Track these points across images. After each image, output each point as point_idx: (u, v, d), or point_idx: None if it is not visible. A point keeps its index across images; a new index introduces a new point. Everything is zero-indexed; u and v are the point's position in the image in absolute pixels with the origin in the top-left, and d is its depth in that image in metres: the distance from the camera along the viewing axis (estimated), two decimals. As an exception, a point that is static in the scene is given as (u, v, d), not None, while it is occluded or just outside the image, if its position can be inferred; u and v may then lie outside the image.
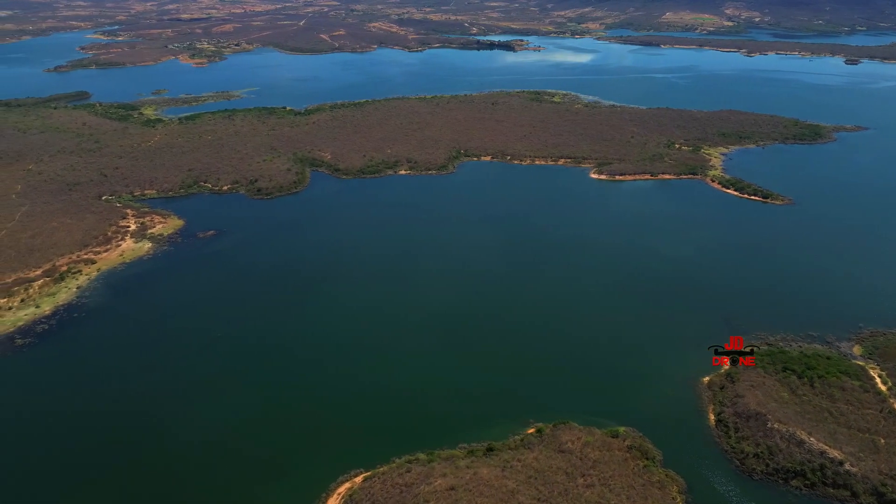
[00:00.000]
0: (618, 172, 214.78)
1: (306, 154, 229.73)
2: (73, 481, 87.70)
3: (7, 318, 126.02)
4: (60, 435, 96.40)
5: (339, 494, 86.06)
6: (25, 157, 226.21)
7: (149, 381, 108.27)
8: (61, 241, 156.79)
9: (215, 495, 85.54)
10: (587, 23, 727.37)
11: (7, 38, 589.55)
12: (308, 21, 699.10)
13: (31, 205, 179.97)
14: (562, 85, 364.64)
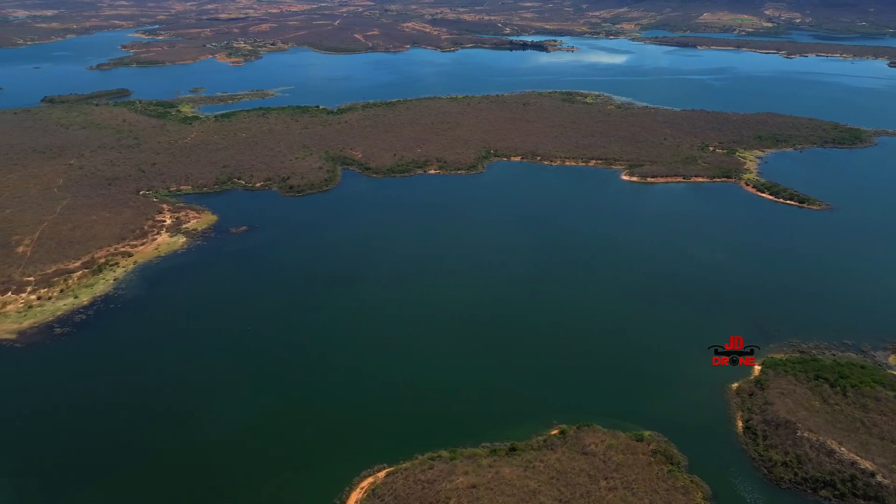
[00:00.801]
0: (649, 174, 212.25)
1: (338, 152, 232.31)
2: (102, 470, 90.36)
3: (47, 307, 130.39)
4: (92, 423, 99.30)
5: (361, 488, 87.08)
6: (67, 151, 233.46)
7: (179, 373, 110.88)
8: (100, 234, 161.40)
9: (242, 487, 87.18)
10: (622, 23, 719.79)
11: (53, 37, 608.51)
12: (343, 21, 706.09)
13: (72, 198, 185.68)
14: (595, 86, 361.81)
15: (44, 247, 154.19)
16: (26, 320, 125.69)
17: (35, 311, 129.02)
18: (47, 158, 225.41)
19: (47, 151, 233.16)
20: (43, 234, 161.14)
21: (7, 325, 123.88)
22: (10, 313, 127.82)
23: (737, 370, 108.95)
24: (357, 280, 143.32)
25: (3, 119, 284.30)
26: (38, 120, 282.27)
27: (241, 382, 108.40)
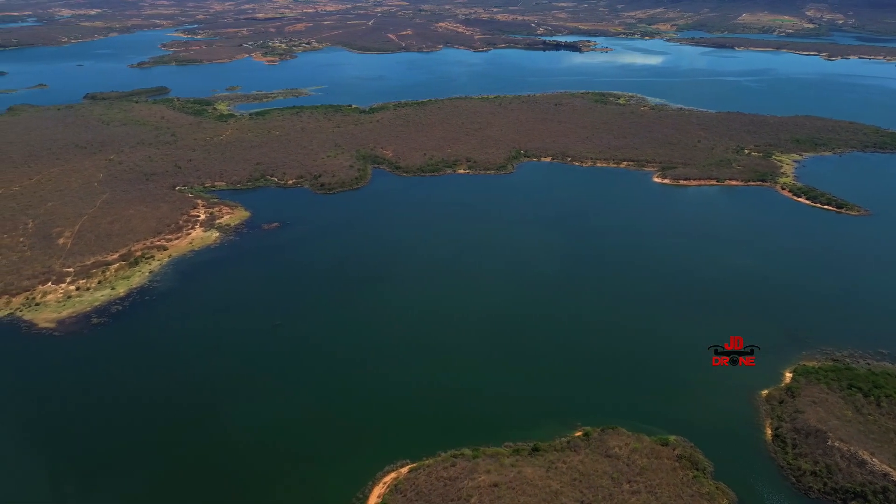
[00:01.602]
0: (682, 177, 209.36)
1: (369, 151, 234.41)
2: (130, 458, 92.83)
3: (85, 297, 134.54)
4: (123, 413, 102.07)
5: (384, 483, 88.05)
6: (108, 147, 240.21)
7: (208, 365, 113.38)
8: (137, 228, 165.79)
9: (267, 478, 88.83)
10: (658, 24, 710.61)
11: (96, 35, 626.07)
12: (377, 21, 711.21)
13: (111, 192, 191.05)
14: (628, 87, 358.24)
15: (83, 239, 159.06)
16: (65, 310, 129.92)
17: (74, 301, 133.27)
18: (88, 153, 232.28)
19: (88, 147, 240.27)
20: (83, 226, 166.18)
21: (47, 315, 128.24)
22: (50, 303, 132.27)
23: (768, 377, 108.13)
24: (384, 279, 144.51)
25: (47, 115, 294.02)
26: (80, 116, 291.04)
27: (269, 376, 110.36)
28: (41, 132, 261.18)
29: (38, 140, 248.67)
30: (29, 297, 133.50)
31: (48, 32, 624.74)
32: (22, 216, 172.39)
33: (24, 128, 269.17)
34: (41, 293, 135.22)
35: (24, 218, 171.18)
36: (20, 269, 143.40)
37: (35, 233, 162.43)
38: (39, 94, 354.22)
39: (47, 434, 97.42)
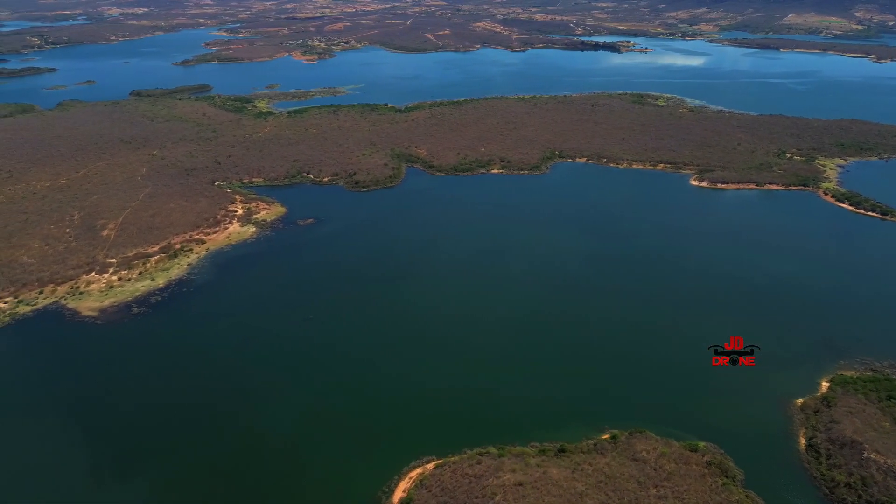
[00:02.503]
0: (720, 180, 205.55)
1: (403, 150, 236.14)
2: (165, 445, 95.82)
3: (126, 288, 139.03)
4: (158, 401, 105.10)
5: (410, 478, 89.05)
6: (151, 142, 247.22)
7: (242, 357, 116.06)
8: (177, 222, 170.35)
9: (295, 470, 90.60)
10: (700, 24, 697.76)
11: (142, 34, 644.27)
12: (415, 20, 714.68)
13: (153, 186, 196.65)
14: (667, 88, 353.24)
15: (126, 231, 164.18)
16: (107, 299, 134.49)
17: (115, 290, 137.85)
18: (133, 148, 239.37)
19: (133, 142, 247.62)
20: (126, 219, 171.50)
21: (90, 303, 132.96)
22: (94, 292, 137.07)
23: (803, 386, 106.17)
24: (415, 277, 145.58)
25: (94, 110, 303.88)
26: (126, 112, 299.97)
27: (299, 370, 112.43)
28: (88, 127, 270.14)
29: (85, 135, 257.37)
30: (73, 287, 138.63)
31: (97, 30, 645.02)
32: (68, 208, 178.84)
33: (73, 123, 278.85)
34: (85, 283, 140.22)
35: (71, 210, 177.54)
36: (66, 259, 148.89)
37: (80, 224, 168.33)
38: (88, 90, 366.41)
39: (86, 418, 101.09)
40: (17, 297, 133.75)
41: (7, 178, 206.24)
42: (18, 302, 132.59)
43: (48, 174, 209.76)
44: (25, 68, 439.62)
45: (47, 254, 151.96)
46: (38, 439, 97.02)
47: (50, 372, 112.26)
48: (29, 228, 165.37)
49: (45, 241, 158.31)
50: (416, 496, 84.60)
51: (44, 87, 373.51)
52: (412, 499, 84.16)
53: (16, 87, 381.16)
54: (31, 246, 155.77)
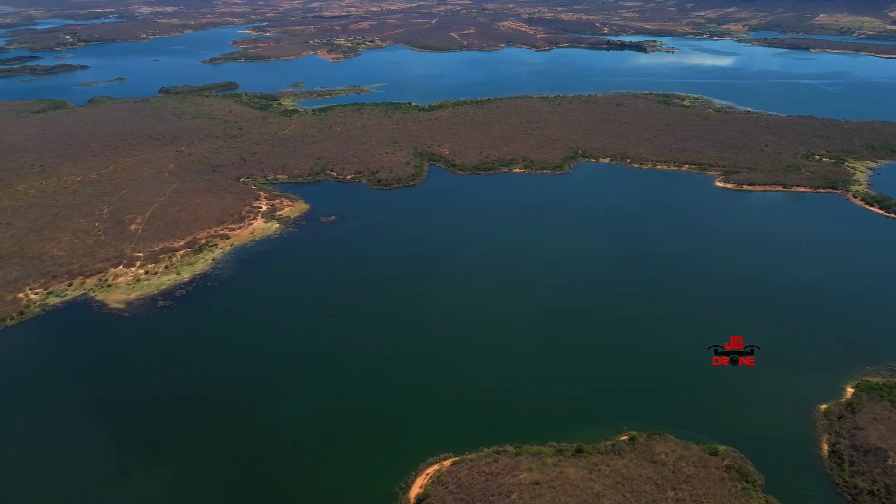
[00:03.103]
0: (746, 182, 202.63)
1: (426, 148, 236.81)
2: (186, 435, 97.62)
3: (153, 281, 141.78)
4: (182, 392, 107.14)
5: (427, 474, 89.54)
6: (179, 139, 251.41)
7: (262, 350, 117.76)
8: (202, 217, 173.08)
9: (313, 464, 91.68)
10: (729, 24, 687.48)
11: (172, 32, 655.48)
12: (440, 19, 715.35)
13: (180, 182, 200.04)
14: (694, 88, 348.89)
15: (153, 226, 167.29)
16: (134, 292, 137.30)
17: (142, 284, 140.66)
18: (161, 145, 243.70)
19: (161, 138, 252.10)
20: (153, 214, 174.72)
21: (118, 296, 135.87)
22: (121, 285, 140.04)
23: (827, 391, 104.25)
24: (435, 275, 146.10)
25: (124, 107, 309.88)
26: (155, 109, 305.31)
27: (318, 366, 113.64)
28: (118, 124, 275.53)
29: (115, 131, 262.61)
30: (102, 279, 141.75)
31: (128, 29, 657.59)
32: (98, 202, 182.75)
33: (103, 119, 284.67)
34: (113, 275, 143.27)
35: (101, 204, 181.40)
36: (95, 252, 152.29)
37: (109, 218, 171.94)
38: (118, 87, 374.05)
39: (110, 407, 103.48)
40: (47, 289, 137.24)
41: (39, 172, 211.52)
42: (49, 293, 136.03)
43: (79, 169, 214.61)
44: (58, 65, 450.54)
45: (77, 247, 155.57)
46: (65, 426, 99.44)
47: (78, 361, 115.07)
48: (60, 222, 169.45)
49: (75, 235, 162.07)
50: (433, 492, 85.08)
51: (76, 84, 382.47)
52: (429, 495, 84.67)
53: (49, 83, 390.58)
54: (62, 239, 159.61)
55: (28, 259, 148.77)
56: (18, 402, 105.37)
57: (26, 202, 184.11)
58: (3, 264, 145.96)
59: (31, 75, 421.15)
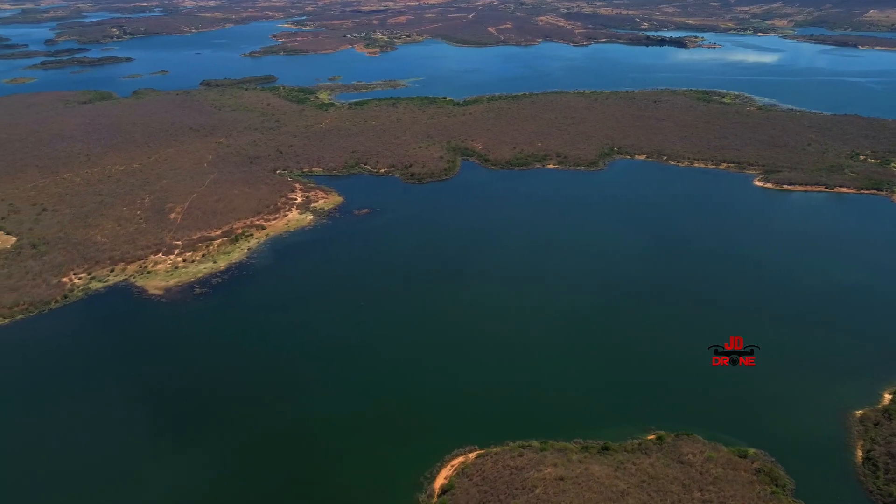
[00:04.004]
0: (786, 182, 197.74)
1: (459, 143, 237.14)
2: (219, 421, 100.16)
3: (190, 269, 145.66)
4: (215, 379, 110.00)
5: (452, 466, 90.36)
6: (218, 131, 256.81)
7: (294, 339, 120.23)
8: (239, 208, 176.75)
9: (341, 452, 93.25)
10: (773, 19, 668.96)
11: (214, 26, 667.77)
12: (477, 14, 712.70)
13: (218, 173, 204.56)
14: (735, 85, 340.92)
15: (192, 215, 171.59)
16: (172, 279, 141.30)
17: (180, 271, 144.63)
18: (201, 136, 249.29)
19: (201, 130, 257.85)
20: (192, 203, 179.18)
21: (156, 282, 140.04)
22: (160, 272, 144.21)
23: (864, 397, 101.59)
24: (464, 270, 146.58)
25: (167, 99, 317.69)
26: (196, 101, 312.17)
27: (348, 356, 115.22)
28: (160, 115, 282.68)
29: (157, 122, 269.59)
30: (142, 266, 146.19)
31: (172, 22, 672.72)
32: (140, 191, 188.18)
33: (146, 110, 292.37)
34: (152, 262, 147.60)
35: (142, 193, 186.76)
36: (136, 240, 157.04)
37: (150, 207, 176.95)
38: (161, 79, 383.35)
39: (146, 390, 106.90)
40: (90, 274, 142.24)
41: (85, 161, 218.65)
42: (92, 278, 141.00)
43: (123, 158, 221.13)
44: (105, 57, 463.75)
45: (119, 234, 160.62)
46: (100, 406, 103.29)
47: (117, 345, 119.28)
48: (103, 210, 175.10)
49: (118, 222, 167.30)
50: (457, 483, 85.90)
51: (121, 76, 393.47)
52: (453, 486, 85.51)
53: (96, 75, 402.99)
54: (105, 226, 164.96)
55: (73, 245, 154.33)
56: (59, 382, 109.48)
57: (72, 190, 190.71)
58: (49, 249, 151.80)
59: (78, 67, 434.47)
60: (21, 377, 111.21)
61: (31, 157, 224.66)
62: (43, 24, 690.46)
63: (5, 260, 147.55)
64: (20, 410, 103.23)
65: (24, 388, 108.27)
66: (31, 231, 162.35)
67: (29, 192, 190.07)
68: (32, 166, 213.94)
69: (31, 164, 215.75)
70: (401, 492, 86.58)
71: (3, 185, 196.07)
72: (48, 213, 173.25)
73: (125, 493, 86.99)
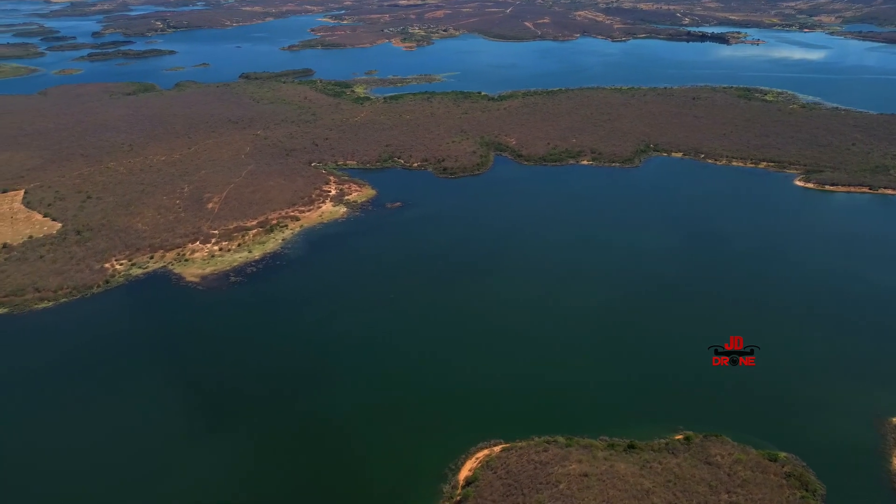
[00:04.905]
0: (829, 182, 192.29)
1: (493, 138, 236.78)
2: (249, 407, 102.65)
3: (226, 258, 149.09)
4: (248, 365, 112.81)
5: (477, 458, 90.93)
6: (256, 123, 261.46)
7: (324, 328, 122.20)
8: (275, 199, 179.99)
9: (366, 442, 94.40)
10: (821, 15, 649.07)
11: (254, 20, 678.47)
12: (515, 9, 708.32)
13: (255, 165, 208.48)
14: (778, 83, 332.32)
15: (229, 205, 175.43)
16: (208, 267, 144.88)
17: (216, 260, 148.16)
18: (239, 128, 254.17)
19: (240, 122, 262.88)
20: (229, 194, 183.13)
21: (193, 270, 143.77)
22: (197, 260, 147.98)
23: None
24: (493, 265, 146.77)
25: (207, 91, 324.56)
26: (235, 94, 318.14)
27: (376, 346, 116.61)
28: (201, 107, 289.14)
29: (197, 114, 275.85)
30: (180, 254, 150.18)
31: (214, 16, 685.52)
32: (180, 181, 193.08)
33: (187, 102, 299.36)
34: (190, 251, 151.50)
35: (182, 183, 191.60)
36: (175, 228, 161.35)
37: (189, 196, 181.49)
38: (202, 72, 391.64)
39: (180, 375, 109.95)
40: (131, 260, 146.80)
41: (128, 151, 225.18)
42: (132, 265, 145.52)
43: (164, 149, 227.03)
44: (149, 50, 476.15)
45: (159, 222, 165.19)
46: (137, 388, 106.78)
47: (154, 330, 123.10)
48: (144, 198, 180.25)
49: (158, 211, 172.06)
50: (482, 476, 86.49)
51: (164, 69, 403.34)
52: (477, 478, 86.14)
53: (140, 67, 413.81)
54: (146, 214, 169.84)
55: (115, 232, 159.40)
56: (98, 363, 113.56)
57: (115, 179, 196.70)
58: (92, 236, 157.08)
59: (123, 59, 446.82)
60: (64, 357, 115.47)
61: (77, 146, 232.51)
62: (90, 17, 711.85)
63: (51, 245, 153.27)
64: (63, 387, 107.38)
65: (66, 367, 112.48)
66: (75, 218, 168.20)
67: (74, 180, 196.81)
68: (78, 155, 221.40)
69: (77, 154, 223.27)
70: (425, 482, 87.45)
71: (50, 173, 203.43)
72: (92, 200, 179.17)
73: (154, 473, 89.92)
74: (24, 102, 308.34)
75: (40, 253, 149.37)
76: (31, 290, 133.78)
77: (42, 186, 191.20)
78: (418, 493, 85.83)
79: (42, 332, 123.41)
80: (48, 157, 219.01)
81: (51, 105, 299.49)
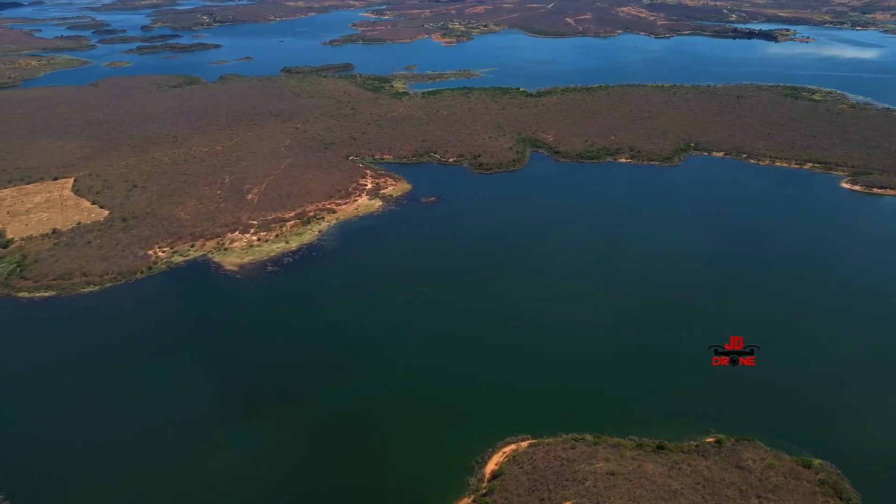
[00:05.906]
0: (877, 185, 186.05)
1: (529, 134, 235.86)
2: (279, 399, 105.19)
3: (264, 248, 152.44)
4: (281, 351, 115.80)
5: (504, 453, 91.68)
6: (296, 116, 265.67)
7: (358, 319, 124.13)
8: (313, 191, 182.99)
9: (395, 433, 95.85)
10: (874, 13, 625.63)
11: (297, 14, 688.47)
12: (556, 4, 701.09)
13: (294, 157, 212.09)
14: (828, 82, 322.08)
15: (268, 197, 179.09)
16: (247, 257, 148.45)
17: (254, 249, 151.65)
18: (280, 121, 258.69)
19: (280, 115, 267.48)
20: (268, 185, 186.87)
21: (232, 259, 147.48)
22: (236, 249, 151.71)
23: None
24: (527, 262, 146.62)
25: (250, 84, 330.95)
26: (276, 87, 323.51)
27: (409, 339, 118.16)
28: (243, 100, 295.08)
29: (240, 106, 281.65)
30: (220, 243, 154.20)
31: (258, 10, 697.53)
32: (221, 172, 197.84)
33: (231, 95, 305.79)
34: (229, 240, 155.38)
35: (223, 174, 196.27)
36: (215, 218, 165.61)
37: (230, 187, 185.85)
38: (246, 65, 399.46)
39: (215, 360, 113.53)
40: (173, 248, 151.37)
41: (173, 142, 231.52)
42: (174, 252, 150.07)
43: (207, 140, 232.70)
44: (195, 44, 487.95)
45: (200, 212, 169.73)
46: (173, 371, 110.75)
47: (194, 316, 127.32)
48: (187, 188, 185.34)
49: (200, 201, 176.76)
50: (508, 470, 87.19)
51: (209, 62, 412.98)
52: (503, 472, 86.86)
53: (186, 60, 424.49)
54: (188, 204, 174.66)
55: (158, 220, 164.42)
56: (139, 347, 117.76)
57: (160, 169, 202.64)
58: (137, 224, 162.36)
59: (170, 52, 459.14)
60: (108, 340, 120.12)
61: (125, 136, 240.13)
62: (140, 11, 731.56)
63: (98, 231, 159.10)
64: (108, 368, 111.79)
65: (110, 350, 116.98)
66: (121, 206, 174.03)
67: (121, 169, 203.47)
68: (125, 145, 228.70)
69: (125, 144, 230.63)
70: (452, 474, 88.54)
71: (99, 162, 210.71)
72: (138, 189, 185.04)
73: (191, 455, 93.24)
74: (75, 93, 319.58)
75: (88, 239, 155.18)
76: (79, 275, 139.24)
77: (91, 175, 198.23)
78: (445, 485, 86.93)
79: (87, 314, 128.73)
80: (97, 147, 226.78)
81: (101, 96, 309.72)
